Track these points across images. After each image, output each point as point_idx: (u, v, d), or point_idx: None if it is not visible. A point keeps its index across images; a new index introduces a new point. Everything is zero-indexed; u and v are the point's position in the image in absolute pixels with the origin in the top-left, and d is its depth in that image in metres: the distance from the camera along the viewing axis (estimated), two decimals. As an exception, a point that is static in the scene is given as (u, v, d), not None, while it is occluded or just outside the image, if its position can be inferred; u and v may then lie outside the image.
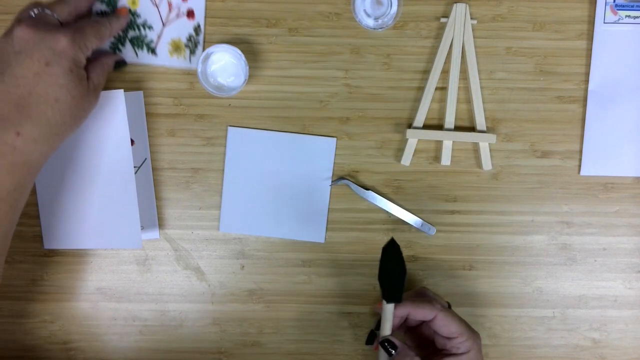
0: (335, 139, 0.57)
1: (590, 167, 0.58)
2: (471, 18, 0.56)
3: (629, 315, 0.59)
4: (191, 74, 0.57)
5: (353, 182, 0.57)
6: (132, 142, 0.57)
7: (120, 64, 0.55)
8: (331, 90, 0.57)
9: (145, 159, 0.57)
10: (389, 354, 0.49)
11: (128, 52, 0.56)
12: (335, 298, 0.59)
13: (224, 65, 0.55)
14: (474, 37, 0.56)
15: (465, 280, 0.59)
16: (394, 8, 0.55)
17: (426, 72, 0.57)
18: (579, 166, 0.58)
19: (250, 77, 0.56)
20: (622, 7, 0.56)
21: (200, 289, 0.59)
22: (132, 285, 0.59)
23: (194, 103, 0.57)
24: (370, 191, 0.57)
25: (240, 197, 0.58)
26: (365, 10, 0.56)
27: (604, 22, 0.57)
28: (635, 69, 0.57)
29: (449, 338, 0.50)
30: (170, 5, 0.56)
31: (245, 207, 0.58)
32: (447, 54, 0.56)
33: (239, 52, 0.53)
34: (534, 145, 0.58)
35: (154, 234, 0.58)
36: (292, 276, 0.59)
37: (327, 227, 0.58)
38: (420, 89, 0.57)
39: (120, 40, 0.56)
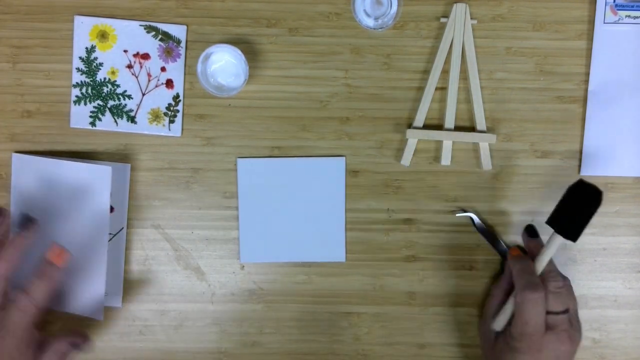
0: (344, 157, 0.57)
1: (590, 167, 0.58)
2: (471, 18, 0.56)
3: (629, 315, 0.59)
4: (191, 74, 0.57)
5: (478, 217, 0.58)
6: (112, 209, 0.57)
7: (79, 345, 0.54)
8: (331, 90, 0.57)
9: (122, 227, 0.58)
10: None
11: (108, 121, 0.57)
12: (335, 298, 0.59)
13: (224, 65, 0.55)
14: (474, 37, 0.56)
15: (465, 280, 0.59)
16: (394, 8, 0.55)
17: (426, 72, 0.57)
18: (579, 166, 0.58)
19: (250, 77, 0.56)
20: (622, 7, 0.56)
21: (200, 289, 0.59)
22: (132, 285, 0.59)
23: (194, 103, 0.57)
24: (491, 231, 0.58)
25: (257, 227, 0.58)
26: (365, 10, 0.56)
27: (604, 22, 0.57)
28: (635, 69, 0.57)
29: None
30: (149, 75, 0.57)
31: (263, 236, 0.58)
32: (447, 54, 0.56)
33: (239, 52, 0.53)
34: (534, 145, 0.58)
35: (117, 301, 0.58)
36: (292, 276, 0.59)
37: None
38: (420, 89, 0.57)
39: (100, 110, 0.57)
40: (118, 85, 0.57)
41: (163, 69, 0.57)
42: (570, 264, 0.59)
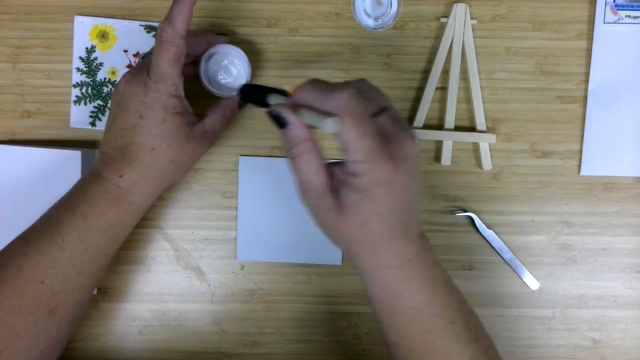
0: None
1: (590, 167, 0.58)
2: (471, 18, 0.56)
3: (629, 315, 0.59)
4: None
5: (478, 217, 0.58)
6: None
7: (243, 105, 0.53)
8: (331, 90, 0.57)
9: None
10: (281, 126, 0.40)
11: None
12: (335, 298, 0.59)
13: (226, 65, 0.54)
14: (474, 37, 0.56)
15: (465, 280, 0.59)
16: (394, 8, 0.55)
17: (426, 72, 0.57)
18: (579, 166, 0.58)
19: (251, 77, 0.56)
20: (622, 7, 0.56)
21: (200, 289, 0.59)
22: (132, 285, 0.59)
23: (194, 103, 0.57)
24: (491, 231, 0.58)
25: (255, 226, 0.58)
26: (365, 10, 0.56)
27: (604, 22, 0.57)
28: (635, 69, 0.57)
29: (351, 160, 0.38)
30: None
31: (260, 235, 0.58)
32: (447, 54, 0.56)
33: (242, 52, 0.53)
34: (534, 145, 0.58)
35: None
36: (292, 276, 0.59)
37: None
38: (420, 89, 0.57)
39: (100, 110, 0.57)
40: None
41: (163, 69, 0.57)
42: (570, 264, 0.59)
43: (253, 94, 0.48)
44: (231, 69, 0.54)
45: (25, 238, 0.46)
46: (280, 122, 0.40)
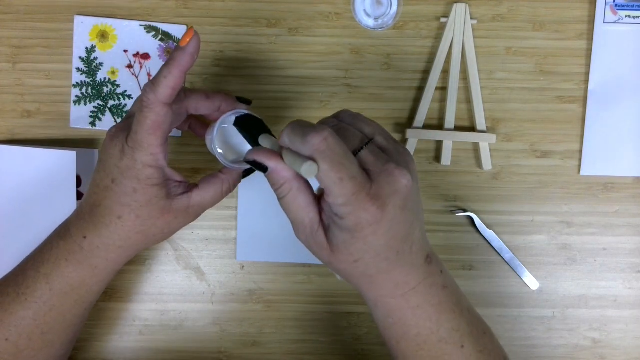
0: None
1: (590, 167, 0.58)
2: (471, 18, 0.56)
3: (629, 315, 0.59)
4: (190, 74, 0.57)
5: (478, 217, 0.58)
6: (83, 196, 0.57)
7: (250, 170, 0.46)
8: (331, 90, 0.57)
9: None
10: (262, 170, 0.39)
11: (108, 121, 0.57)
12: (335, 298, 0.59)
13: (231, 133, 0.46)
14: (474, 37, 0.56)
15: (465, 280, 0.59)
16: (394, 8, 0.55)
17: (426, 72, 0.57)
18: (579, 166, 0.58)
19: (250, 77, 0.56)
20: (622, 7, 0.56)
21: (200, 289, 0.59)
22: (132, 285, 0.59)
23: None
24: (491, 231, 0.58)
25: (255, 226, 0.58)
26: (365, 10, 0.56)
27: (604, 22, 0.57)
28: (635, 69, 0.57)
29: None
30: (149, 75, 0.57)
31: (260, 235, 0.58)
32: (447, 54, 0.56)
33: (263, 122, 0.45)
34: (534, 145, 0.58)
35: None
36: (292, 276, 0.59)
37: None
38: (420, 89, 0.57)
39: (100, 110, 0.57)
40: (118, 86, 0.57)
41: (163, 69, 0.57)
42: (570, 264, 0.59)
43: (249, 126, 0.44)
44: (237, 138, 0.46)
45: None
46: (260, 167, 0.38)
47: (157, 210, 0.42)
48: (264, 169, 0.38)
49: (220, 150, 0.45)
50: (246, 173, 0.46)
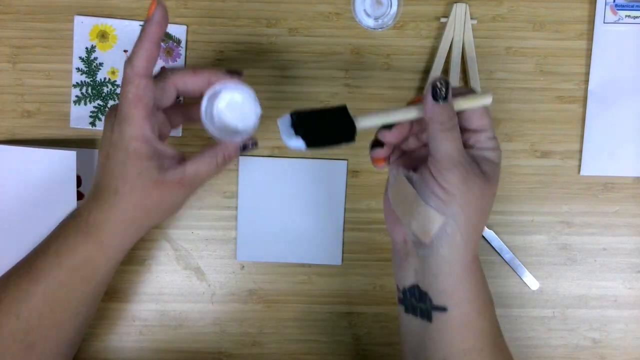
0: (346, 161, 0.57)
1: (590, 167, 0.58)
2: (471, 18, 0.56)
3: (629, 315, 0.59)
4: (191, 74, 0.57)
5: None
6: (83, 196, 0.57)
7: (249, 145, 0.47)
8: (331, 90, 0.58)
9: None
10: (440, 99, 0.41)
11: None
12: (335, 298, 0.59)
13: (231, 106, 0.46)
14: (474, 37, 0.56)
15: (465, 280, 0.59)
16: (394, 8, 0.55)
17: (426, 72, 0.57)
18: (579, 166, 0.58)
19: (250, 77, 0.56)
20: (622, 7, 0.56)
21: (200, 289, 0.59)
22: (132, 285, 0.59)
23: (195, 102, 0.57)
24: (491, 231, 0.58)
25: (255, 226, 0.58)
26: (365, 10, 0.56)
27: (604, 22, 0.57)
28: (635, 69, 0.57)
29: (475, 130, 0.43)
30: None
31: (260, 235, 0.58)
32: (447, 54, 0.56)
33: (251, 91, 0.45)
34: (534, 145, 0.58)
35: None
36: (292, 276, 0.59)
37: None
38: (420, 89, 0.57)
39: (100, 110, 0.57)
40: (118, 86, 0.57)
41: (163, 69, 0.57)
42: (570, 264, 0.59)
43: (327, 123, 0.42)
44: (237, 109, 0.46)
45: (8, 272, 0.47)
46: (437, 95, 0.41)
47: (150, 182, 0.43)
48: (444, 98, 0.41)
49: (211, 125, 0.45)
50: (244, 148, 0.47)
